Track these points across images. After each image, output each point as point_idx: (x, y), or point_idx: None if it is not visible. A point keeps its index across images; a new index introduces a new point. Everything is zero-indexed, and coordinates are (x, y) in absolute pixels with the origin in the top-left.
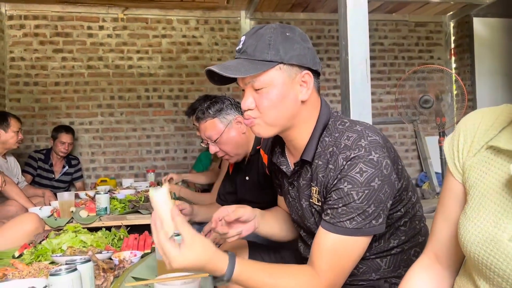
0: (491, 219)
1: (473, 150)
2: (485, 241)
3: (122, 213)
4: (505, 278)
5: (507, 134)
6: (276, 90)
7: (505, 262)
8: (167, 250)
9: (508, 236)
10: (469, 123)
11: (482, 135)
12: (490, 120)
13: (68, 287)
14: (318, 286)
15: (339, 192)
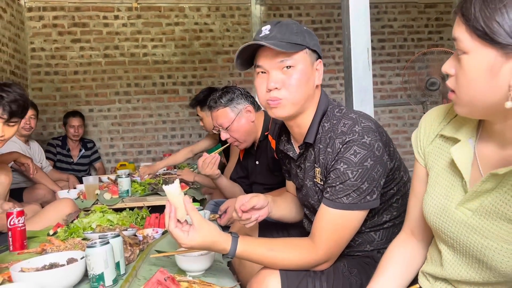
0: (443, 193)
1: (430, 139)
2: (439, 211)
3: (142, 195)
4: (455, 238)
5: (453, 124)
6: (303, 70)
7: (453, 226)
8: (177, 235)
9: (454, 205)
10: (428, 117)
11: (436, 126)
12: (443, 114)
13: (102, 257)
14: (316, 256)
15: (336, 172)
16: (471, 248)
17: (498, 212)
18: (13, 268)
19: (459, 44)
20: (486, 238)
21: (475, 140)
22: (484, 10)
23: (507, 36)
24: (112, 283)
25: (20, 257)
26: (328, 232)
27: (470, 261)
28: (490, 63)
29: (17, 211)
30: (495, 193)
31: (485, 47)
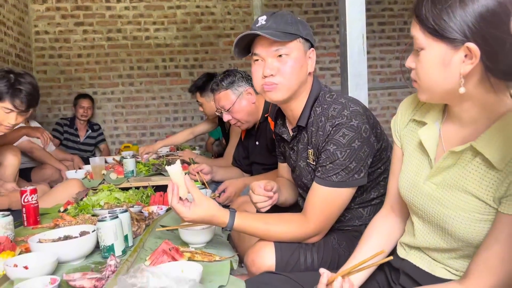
0: (414, 170)
1: (404, 123)
2: (410, 186)
3: (147, 175)
4: (423, 210)
5: (422, 109)
6: (297, 58)
7: (422, 198)
8: (179, 210)
9: (423, 180)
10: (403, 104)
11: (410, 112)
12: (415, 101)
13: (112, 230)
14: (307, 229)
15: (326, 153)
16: (436, 217)
17: (457, 185)
18: (31, 239)
19: (416, 42)
20: (447, 208)
21: (441, 122)
22: (433, 11)
23: (453, 32)
24: (121, 254)
25: (35, 231)
26: (319, 207)
27: (436, 229)
28: (442, 56)
29: (30, 189)
30: (455, 168)
31: (437, 42)
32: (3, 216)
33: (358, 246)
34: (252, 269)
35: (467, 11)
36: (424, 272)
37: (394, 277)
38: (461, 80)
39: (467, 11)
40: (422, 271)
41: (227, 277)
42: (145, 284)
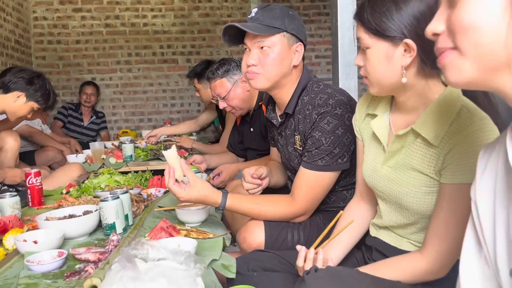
0: (372, 157)
1: (362, 118)
2: (371, 172)
3: (145, 160)
4: (383, 191)
5: (374, 103)
6: (278, 52)
7: (381, 181)
8: (175, 191)
9: (380, 165)
10: (360, 101)
11: (365, 107)
12: (369, 97)
13: (114, 210)
14: (294, 209)
15: (312, 139)
16: (393, 196)
17: (406, 164)
18: (39, 217)
19: (363, 42)
20: (400, 185)
21: (389, 113)
22: (374, 15)
23: (393, 31)
24: (122, 231)
25: (39, 211)
26: (305, 189)
27: (396, 208)
28: (385, 52)
29: (35, 172)
30: (403, 150)
31: (380, 41)
32: (11, 196)
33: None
34: (244, 246)
35: (402, 14)
36: (392, 247)
37: (368, 254)
38: (403, 71)
39: (402, 14)
40: (391, 247)
41: (219, 252)
42: (145, 255)
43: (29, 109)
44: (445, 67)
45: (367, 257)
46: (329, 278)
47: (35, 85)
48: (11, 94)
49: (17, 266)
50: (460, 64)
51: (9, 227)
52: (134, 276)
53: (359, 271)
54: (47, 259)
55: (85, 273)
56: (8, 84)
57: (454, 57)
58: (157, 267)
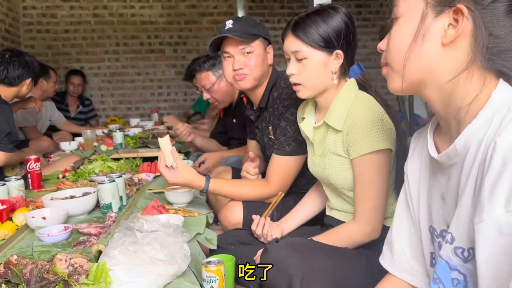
0: (310, 152)
1: (300, 121)
2: (311, 163)
3: (134, 147)
4: (321, 177)
5: (302, 109)
6: (259, 54)
7: (318, 169)
8: (165, 174)
9: (314, 157)
10: (298, 108)
11: (300, 113)
12: (303, 104)
13: (110, 192)
14: (268, 190)
15: (280, 128)
16: (325, 178)
17: (328, 151)
18: (45, 197)
19: (299, 54)
20: (327, 168)
21: (314, 114)
22: (310, 29)
23: (328, 43)
24: (118, 210)
25: (40, 194)
26: (277, 172)
27: (331, 189)
28: (323, 60)
29: (34, 158)
30: (325, 140)
31: (318, 51)
32: (16, 180)
33: (297, 206)
34: (225, 223)
35: (328, 30)
36: (342, 222)
37: (325, 230)
38: (333, 75)
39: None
40: (341, 222)
41: (203, 227)
42: (140, 228)
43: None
44: (385, 76)
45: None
46: (287, 247)
47: (31, 64)
48: (20, 85)
49: (28, 238)
50: (391, 76)
51: (17, 206)
52: (134, 240)
53: (312, 240)
54: (55, 232)
55: (89, 243)
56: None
57: (388, 70)
58: (152, 234)
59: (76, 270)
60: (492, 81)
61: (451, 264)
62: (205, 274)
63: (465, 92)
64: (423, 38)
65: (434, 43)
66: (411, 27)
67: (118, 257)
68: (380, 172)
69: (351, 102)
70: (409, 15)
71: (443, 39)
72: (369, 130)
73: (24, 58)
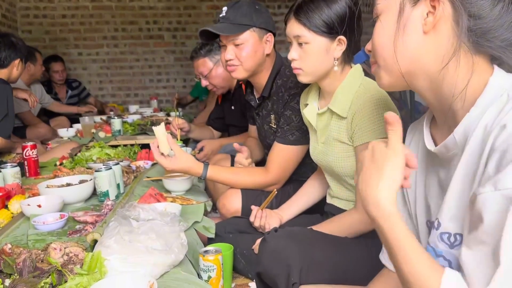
0: (313, 139)
1: (303, 108)
2: (314, 151)
3: (132, 134)
4: (323, 165)
5: (305, 95)
6: (250, 46)
7: (321, 157)
8: (162, 162)
9: (317, 144)
10: (301, 95)
11: (303, 99)
12: (306, 90)
13: (107, 179)
14: (267, 179)
15: (284, 117)
16: (327, 166)
17: (331, 138)
18: (40, 185)
19: (301, 39)
20: (329, 155)
21: (317, 101)
22: (313, 14)
23: (330, 29)
24: (115, 198)
25: (37, 181)
26: (278, 161)
27: (333, 177)
28: (325, 46)
29: (31, 144)
30: (328, 127)
31: (320, 36)
32: (12, 167)
33: (297, 194)
34: (223, 211)
35: (332, 15)
36: (343, 211)
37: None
38: (335, 61)
39: (332, 15)
40: (342, 210)
41: (201, 216)
42: (137, 216)
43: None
44: (374, 74)
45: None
46: (286, 237)
47: (17, 44)
48: (10, 67)
49: (23, 226)
50: (379, 73)
51: (12, 193)
52: (129, 229)
53: (312, 229)
54: (51, 220)
55: (85, 232)
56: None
57: (376, 68)
58: (148, 224)
59: (71, 259)
60: (485, 67)
61: (437, 250)
62: (203, 264)
63: (455, 79)
64: (404, 29)
65: (416, 33)
66: (392, 21)
67: (113, 247)
68: None
69: (356, 88)
70: (389, 10)
71: (424, 27)
72: (374, 117)
73: (9, 38)
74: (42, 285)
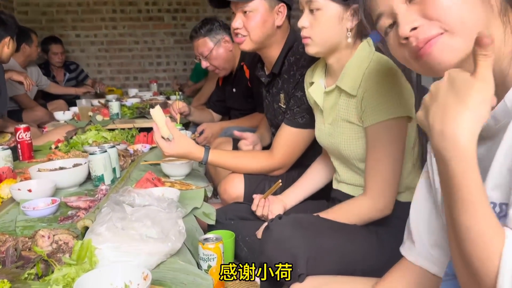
0: (318, 120)
1: (308, 87)
2: (319, 132)
3: (131, 118)
4: (329, 147)
5: (310, 72)
6: (260, 15)
7: (326, 138)
8: (161, 145)
9: (323, 125)
10: (306, 73)
11: (308, 77)
12: (312, 68)
13: (101, 163)
14: (272, 163)
15: (295, 98)
16: (334, 149)
17: (339, 118)
18: (32, 169)
19: (313, 4)
20: (336, 137)
21: (324, 78)
22: None
23: None
24: (110, 183)
25: (30, 165)
26: (284, 145)
27: (341, 160)
28: (337, 14)
29: (24, 127)
30: (336, 107)
31: (333, 2)
32: (3, 149)
33: (301, 179)
34: (224, 196)
35: None
36: (351, 197)
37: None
38: (348, 33)
39: None
40: (350, 196)
41: (201, 201)
42: (132, 202)
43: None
44: (435, 52)
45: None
46: (291, 224)
47: (7, 22)
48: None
49: (13, 212)
50: (452, 43)
51: (3, 177)
52: (122, 216)
53: (319, 216)
54: (42, 205)
55: (77, 218)
56: None
57: (445, 39)
58: (143, 210)
59: (60, 247)
60: None
61: None
62: (202, 252)
63: (502, 39)
64: None
65: None
66: None
67: (105, 234)
68: (396, 142)
69: (367, 64)
70: None
71: None
72: (386, 95)
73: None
74: (26, 276)
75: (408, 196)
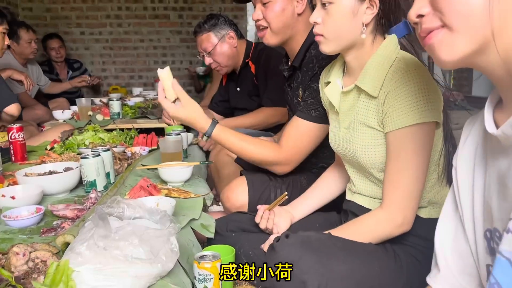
0: (333, 123)
1: (323, 87)
2: (334, 137)
3: (132, 118)
4: (343, 153)
5: (326, 72)
6: (278, 3)
7: (341, 144)
8: (166, 105)
9: (339, 129)
10: (322, 73)
11: (324, 77)
12: (328, 68)
13: (94, 167)
14: (278, 156)
15: (310, 90)
16: (350, 155)
17: (357, 121)
18: (18, 173)
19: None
20: (353, 143)
21: (341, 78)
22: None
23: None
24: (103, 189)
25: (22, 167)
26: (294, 138)
27: (357, 169)
28: (351, 7)
29: (17, 127)
30: (354, 109)
31: None
32: None
33: (311, 188)
34: (227, 205)
35: None
36: (366, 210)
37: (344, 218)
38: (363, 28)
39: None
40: (365, 209)
41: (199, 212)
42: (120, 214)
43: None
44: (434, 46)
45: (343, 221)
46: (300, 245)
47: None
48: None
49: None
50: (451, 40)
51: None
52: (105, 234)
53: (331, 235)
54: (25, 214)
55: (61, 230)
56: None
57: (444, 34)
58: (128, 226)
59: (36, 266)
60: None
61: None
62: (198, 272)
63: None
64: None
65: None
66: None
67: (85, 254)
68: (422, 150)
69: (391, 63)
70: None
71: None
72: (411, 98)
73: None
74: None
75: (431, 212)
